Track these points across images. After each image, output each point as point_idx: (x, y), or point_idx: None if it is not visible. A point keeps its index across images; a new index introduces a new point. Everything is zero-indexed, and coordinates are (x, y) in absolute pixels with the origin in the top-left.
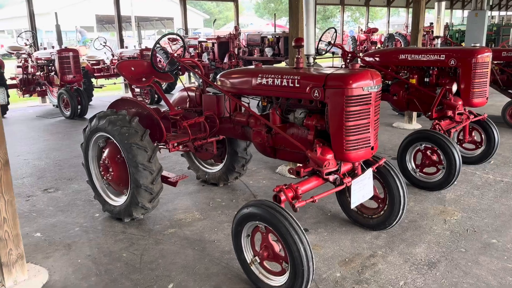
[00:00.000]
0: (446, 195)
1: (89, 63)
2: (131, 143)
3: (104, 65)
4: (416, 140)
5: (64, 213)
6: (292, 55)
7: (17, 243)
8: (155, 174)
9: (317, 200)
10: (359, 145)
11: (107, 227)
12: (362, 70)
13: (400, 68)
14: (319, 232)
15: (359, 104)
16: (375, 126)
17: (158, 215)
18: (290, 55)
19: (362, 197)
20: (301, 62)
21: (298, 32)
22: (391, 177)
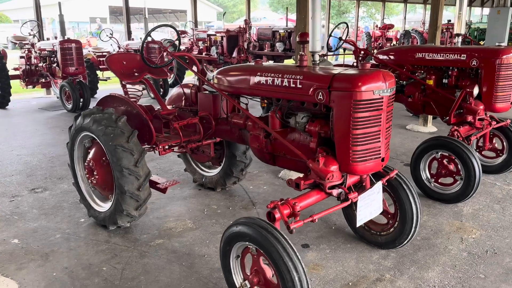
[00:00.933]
0: (463, 208)
1: (95, 55)
2: (115, 145)
3: None
4: (432, 148)
5: (47, 217)
6: (296, 51)
7: None
8: (142, 180)
9: (317, 219)
10: (367, 156)
11: (91, 235)
12: (374, 71)
13: (416, 68)
14: (321, 248)
15: (369, 109)
16: (387, 135)
17: (147, 222)
18: (296, 51)
19: (369, 214)
20: (305, 60)
21: (305, 27)
22: (403, 191)
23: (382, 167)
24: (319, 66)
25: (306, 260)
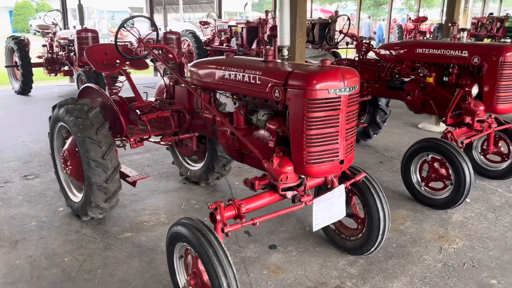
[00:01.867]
0: (453, 216)
1: None
2: (83, 136)
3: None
4: (423, 150)
5: (29, 204)
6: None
7: None
8: (109, 173)
9: (258, 223)
10: (322, 158)
11: (64, 224)
12: (331, 68)
13: (417, 64)
14: (288, 250)
15: (324, 109)
16: (348, 136)
17: (123, 214)
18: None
19: (329, 219)
20: (270, 55)
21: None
22: (371, 196)
23: (341, 170)
24: (285, 62)
25: (269, 262)
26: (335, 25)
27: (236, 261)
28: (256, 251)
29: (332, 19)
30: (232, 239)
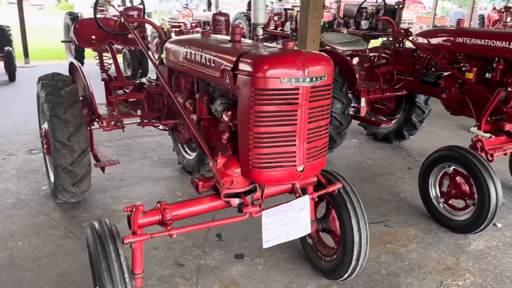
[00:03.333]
0: (473, 243)
1: (170, 25)
2: (50, 115)
3: (185, 28)
4: (444, 159)
5: (18, 179)
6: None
7: None
8: (76, 155)
9: (175, 235)
10: (273, 163)
11: (39, 204)
12: (288, 52)
13: (457, 56)
14: (254, 263)
15: (275, 102)
16: (312, 137)
17: (100, 200)
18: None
19: (286, 235)
20: (237, 33)
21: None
22: (346, 212)
23: (298, 178)
24: (254, 43)
25: (226, 274)
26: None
27: (190, 269)
28: (218, 260)
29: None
30: (198, 241)
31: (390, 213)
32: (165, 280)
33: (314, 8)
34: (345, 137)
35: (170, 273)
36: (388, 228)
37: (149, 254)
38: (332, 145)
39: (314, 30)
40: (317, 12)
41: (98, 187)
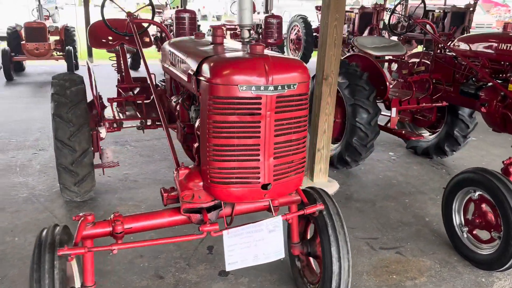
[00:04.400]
0: (496, 282)
1: (225, 27)
2: (53, 114)
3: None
4: (468, 183)
5: (39, 174)
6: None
7: None
8: (76, 155)
9: (115, 251)
10: (232, 178)
11: (48, 201)
12: (251, 57)
13: (502, 65)
14: (237, 282)
15: (235, 112)
16: (280, 152)
17: (107, 200)
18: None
19: (253, 258)
20: (219, 35)
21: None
22: (326, 238)
23: (264, 197)
24: (235, 46)
25: None
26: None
27: (169, 282)
28: (201, 275)
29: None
30: (187, 253)
31: (406, 239)
32: None
33: (335, 9)
34: (372, 149)
35: (147, 285)
36: (399, 256)
37: (133, 261)
38: (358, 158)
39: (335, 33)
40: (338, 14)
41: (110, 187)
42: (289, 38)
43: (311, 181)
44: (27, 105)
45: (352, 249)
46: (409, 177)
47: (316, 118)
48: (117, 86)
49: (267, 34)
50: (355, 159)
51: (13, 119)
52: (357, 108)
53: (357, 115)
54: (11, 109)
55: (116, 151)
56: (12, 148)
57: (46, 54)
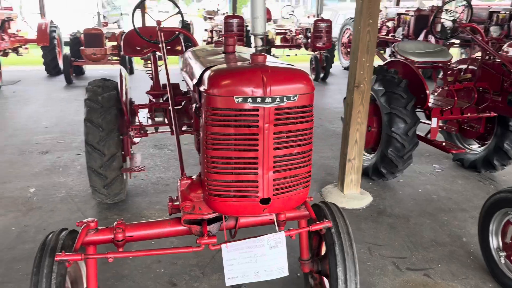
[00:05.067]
0: None
1: (275, 32)
2: (85, 119)
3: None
4: (505, 203)
5: (78, 175)
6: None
7: None
8: (105, 159)
9: (111, 259)
10: (231, 191)
11: (82, 202)
12: (248, 68)
13: None
14: None
15: (232, 124)
16: (281, 166)
17: (136, 203)
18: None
19: (254, 275)
20: (230, 44)
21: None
22: (333, 257)
23: (263, 212)
24: (237, 56)
25: None
26: None
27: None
28: (213, 285)
29: None
30: (204, 261)
31: (438, 260)
32: None
33: (368, 14)
34: (410, 161)
35: None
36: (426, 279)
37: (151, 267)
38: (394, 170)
39: (368, 38)
40: (372, 19)
41: (142, 190)
42: (341, 42)
43: (341, 193)
44: (81, 108)
45: (375, 268)
46: (451, 192)
47: (347, 127)
48: (146, 93)
49: (316, 38)
50: (391, 171)
51: (65, 121)
52: (393, 117)
53: (393, 124)
54: (65, 111)
55: (144, 157)
56: (59, 149)
57: (103, 59)
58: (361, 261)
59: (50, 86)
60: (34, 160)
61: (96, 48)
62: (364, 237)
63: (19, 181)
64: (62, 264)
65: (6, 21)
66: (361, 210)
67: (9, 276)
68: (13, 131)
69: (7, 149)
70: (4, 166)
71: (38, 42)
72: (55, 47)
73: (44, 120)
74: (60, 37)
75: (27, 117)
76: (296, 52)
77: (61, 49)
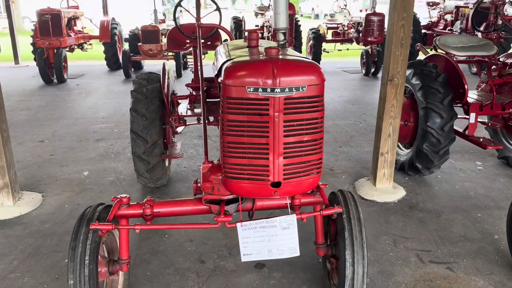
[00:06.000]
0: None
1: (326, 27)
2: (130, 109)
3: (342, 29)
4: None
5: (129, 161)
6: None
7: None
8: (148, 146)
9: (138, 230)
10: (243, 174)
11: (129, 185)
12: (260, 60)
13: None
14: (269, 276)
15: (244, 112)
16: (292, 152)
17: (176, 188)
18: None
19: (267, 253)
20: (254, 39)
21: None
22: (342, 241)
23: (274, 194)
24: (257, 49)
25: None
26: None
27: (208, 268)
28: (238, 264)
29: None
30: (233, 243)
31: (463, 255)
32: (180, 272)
33: (402, 8)
34: (447, 157)
35: (188, 267)
36: (448, 272)
37: (183, 245)
38: (430, 165)
39: (402, 32)
40: (406, 13)
41: (182, 176)
42: None
43: (373, 186)
44: None
45: (398, 259)
46: (490, 190)
47: (380, 121)
48: (186, 85)
49: (367, 32)
50: (427, 166)
51: (121, 112)
52: (429, 112)
53: (429, 119)
54: (122, 103)
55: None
56: (113, 137)
57: (159, 54)
58: (384, 251)
59: (110, 80)
60: (90, 147)
61: (153, 44)
62: (391, 229)
63: (75, 165)
64: (96, 233)
65: (72, 19)
66: (392, 204)
67: (60, 246)
68: (74, 120)
69: (67, 136)
70: (64, 151)
71: (100, 38)
72: (115, 43)
73: (102, 111)
74: (121, 34)
75: (87, 107)
76: (348, 46)
77: (121, 45)
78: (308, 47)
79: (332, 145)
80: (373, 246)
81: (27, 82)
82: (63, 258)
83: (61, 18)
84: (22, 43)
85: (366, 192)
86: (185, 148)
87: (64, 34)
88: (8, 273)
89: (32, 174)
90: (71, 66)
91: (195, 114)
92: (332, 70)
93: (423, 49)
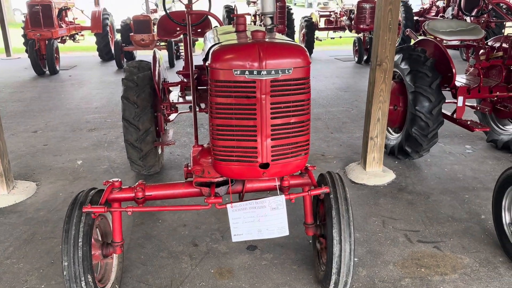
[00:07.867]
0: None
1: (319, 14)
2: (121, 97)
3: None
4: None
5: (123, 150)
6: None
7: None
8: (140, 133)
9: (130, 212)
10: (232, 156)
11: (123, 173)
12: (246, 43)
13: None
14: (261, 257)
15: (231, 95)
16: (279, 134)
17: (169, 176)
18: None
19: (257, 233)
20: (241, 23)
21: None
22: (330, 221)
23: (262, 175)
24: (244, 34)
25: (227, 262)
26: None
27: (201, 250)
28: (230, 247)
29: None
30: (225, 226)
31: (450, 235)
32: (174, 255)
33: None
34: (435, 141)
35: (182, 250)
36: (436, 251)
37: (177, 229)
38: (419, 148)
39: (390, 17)
40: None
41: (175, 164)
42: None
43: (363, 170)
44: None
45: (386, 239)
46: (479, 172)
47: (369, 105)
48: (177, 73)
49: (359, 20)
50: (416, 150)
51: (114, 102)
52: (418, 96)
53: (417, 103)
54: (114, 93)
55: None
56: (106, 127)
57: (151, 44)
58: (373, 232)
59: (103, 71)
60: (83, 136)
61: (145, 34)
62: (380, 211)
63: (69, 154)
64: (89, 216)
65: (63, 9)
66: (381, 187)
67: (55, 233)
68: (67, 110)
69: (60, 126)
70: (57, 141)
71: (92, 29)
72: (107, 34)
73: (95, 101)
74: (112, 24)
75: (80, 98)
76: (341, 34)
77: (113, 35)
78: (300, 35)
79: (324, 131)
80: (363, 227)
81: (19, 74)
82: (58, 244)
83: (51, 9)
84: (13, 35)
85: (356, 176)
86: (178, 136)
87: (55, 25)
88: (4, 259)
89: (26, 164)
90: (63, 57)
91: (187, 101)
92: (325, 58)
93: (413, 35)
